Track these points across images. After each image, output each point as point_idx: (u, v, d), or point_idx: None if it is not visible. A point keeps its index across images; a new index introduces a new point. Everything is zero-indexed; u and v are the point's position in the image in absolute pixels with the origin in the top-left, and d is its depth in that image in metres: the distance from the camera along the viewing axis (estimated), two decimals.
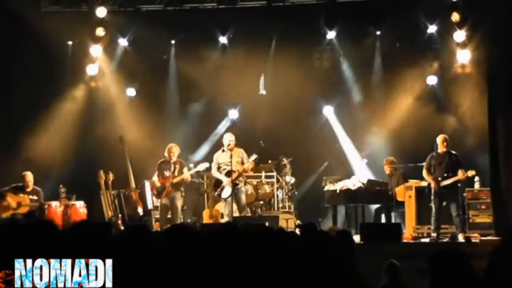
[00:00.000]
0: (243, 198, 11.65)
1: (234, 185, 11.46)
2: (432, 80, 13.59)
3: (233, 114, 14.75)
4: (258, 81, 14.13)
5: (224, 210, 11.71)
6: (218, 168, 11.68)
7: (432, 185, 10.83)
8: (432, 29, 13.32)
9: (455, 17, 12.30)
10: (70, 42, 13.77)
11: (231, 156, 11.48)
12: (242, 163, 11.56)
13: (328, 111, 14.53)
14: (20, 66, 12.91)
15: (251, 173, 12.35)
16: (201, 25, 13.78)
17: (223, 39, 14.18)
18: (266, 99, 14.09)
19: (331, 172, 13.48)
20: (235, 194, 11.47)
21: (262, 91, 14.05)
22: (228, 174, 11.50)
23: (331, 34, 13.82)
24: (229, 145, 11.54)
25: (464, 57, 12.50)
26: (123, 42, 14.05)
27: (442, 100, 13.45)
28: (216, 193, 11.75)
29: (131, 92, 14.47)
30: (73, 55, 13.66)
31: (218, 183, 11.72)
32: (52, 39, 12.75)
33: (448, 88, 13.19)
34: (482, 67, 11.80)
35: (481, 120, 11.82)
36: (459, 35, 12.40)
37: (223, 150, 11.68)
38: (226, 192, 11.45)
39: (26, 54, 12.85)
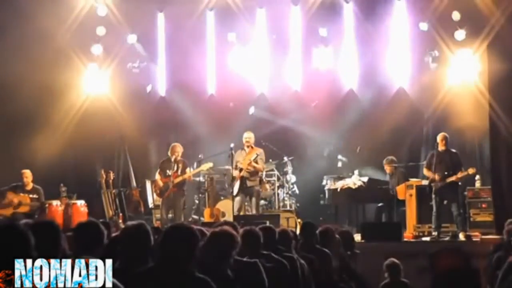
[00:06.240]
0: (256, 197, 11.64)
1: (243, 183, 11.47)
2: None
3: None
4: None
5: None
6: (236, 166, 11.64)
7: (436, 179, 10.77)
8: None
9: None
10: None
11: (246, 155, 11.53)
12: (256, 162, 11.53)
13: None
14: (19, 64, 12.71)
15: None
16: None
17: None
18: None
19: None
20: (248, 193, 11.54)
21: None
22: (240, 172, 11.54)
23: None
24: (247, 142, 11.55)
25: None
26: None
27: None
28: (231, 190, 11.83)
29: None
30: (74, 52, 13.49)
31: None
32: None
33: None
34: (483, 75, 11.72)
35: (482, 119, 11.81)
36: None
37: (242, 149, 11.69)
38: (235, 189, 11.51)
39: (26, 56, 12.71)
